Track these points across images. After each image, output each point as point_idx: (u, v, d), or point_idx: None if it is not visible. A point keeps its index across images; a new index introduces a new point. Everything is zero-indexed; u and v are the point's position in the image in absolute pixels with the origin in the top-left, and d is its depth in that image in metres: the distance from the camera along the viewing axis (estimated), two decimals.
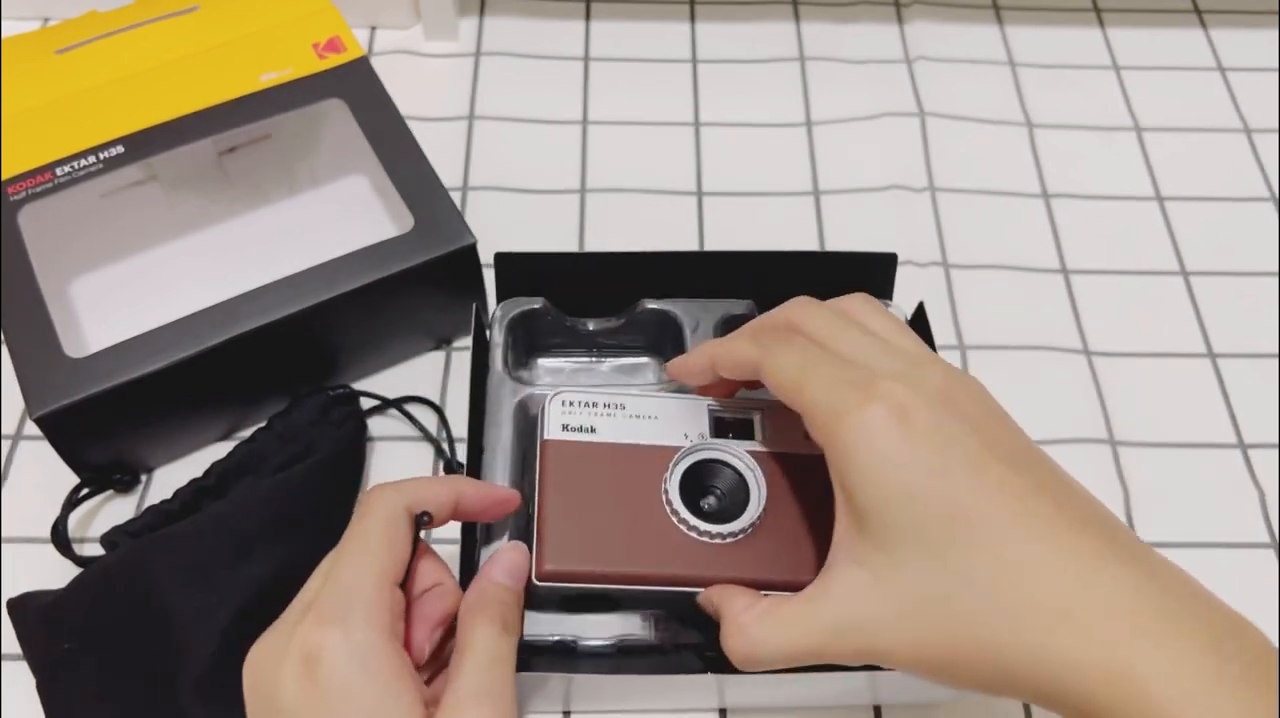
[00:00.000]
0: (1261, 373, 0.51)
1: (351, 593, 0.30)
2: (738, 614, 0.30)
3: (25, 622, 0.40)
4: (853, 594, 0.28)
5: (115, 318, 0.45)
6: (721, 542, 0.33)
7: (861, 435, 0.27)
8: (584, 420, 0.35)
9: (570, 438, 0.35)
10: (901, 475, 0.27)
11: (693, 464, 0.34)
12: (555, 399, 0.36)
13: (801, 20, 0.65)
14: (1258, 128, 0.61)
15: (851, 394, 0.28)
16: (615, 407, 0.35)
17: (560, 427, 0.35)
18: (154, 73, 0.48)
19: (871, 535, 0.28)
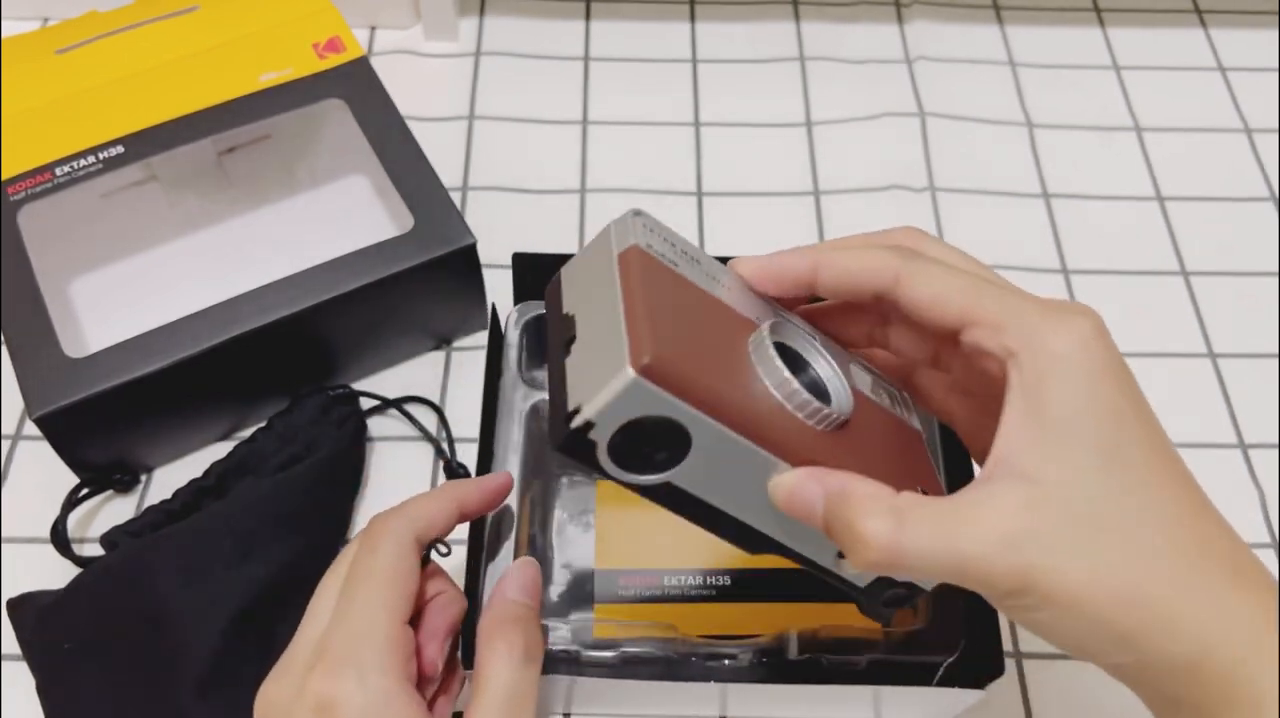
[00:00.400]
0: (1262, 373, 0.51)
1: (364, 639, 0.29)
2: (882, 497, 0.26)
3: (25, 622, 0.40)
4: (1030, 507, 0.24)
5: (115, 318, 0.45)
6: (814, 424, 0.27)
7: (1076, 342, 0.25)
8: (667, 251, 0.28)
9: (656, 256, 0.28)
10: (1112, 391, 0.25)
11: (780, 341, 0.28)
12: (634, 218, 0.28)
13: (801, 20, 0.65)
14: (1258, 128, 0.61)
15: (1049, 306, 0.26)
16: (694, 259, 0.29)
17: (645, 243, 0.28)
18: (154, 73, 0.48)
19: (1058, 449, 0.25)
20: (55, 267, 0.47)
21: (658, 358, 0.24)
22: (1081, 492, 0.24)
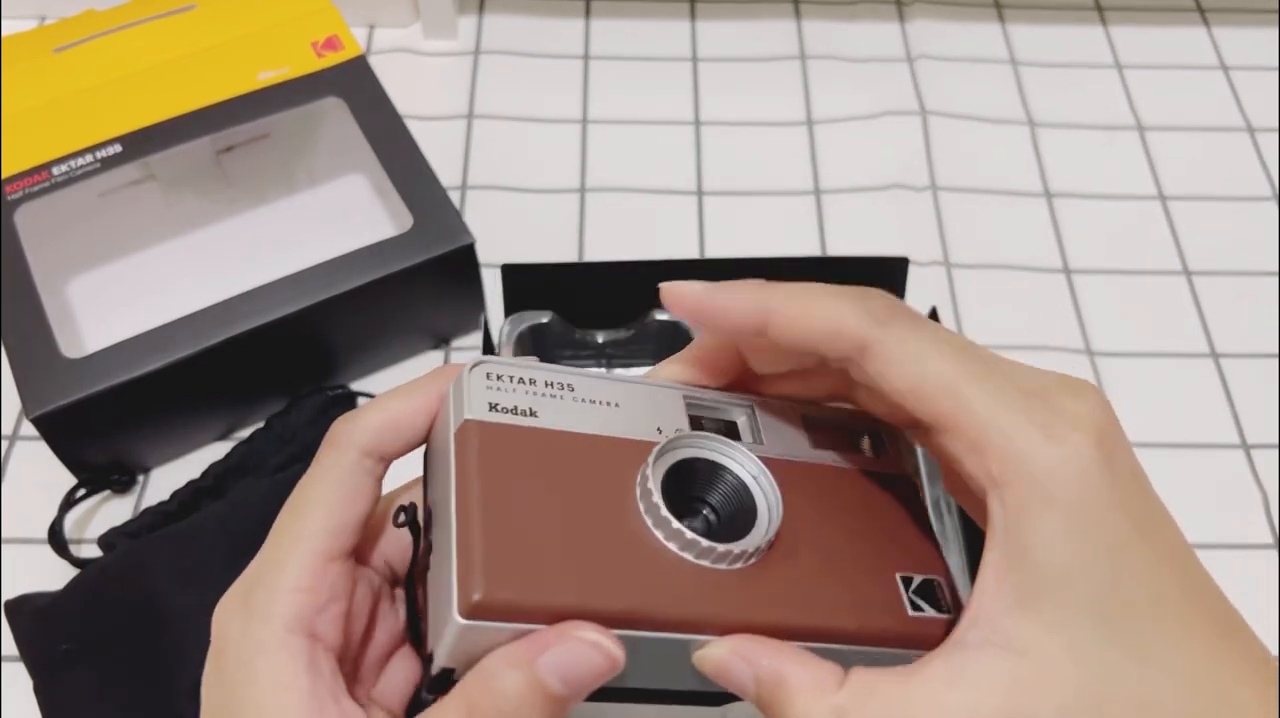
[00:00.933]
0: (1264, 373, 0.51)
1: (263, 578, 0.24)
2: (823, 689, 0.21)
3: (23, 623, 0.40)
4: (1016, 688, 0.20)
5: (112, 318, 0.45)
6: (727, 567, 0.23)
7: (1071, 467, 0.21)
8: (519, 401, 0.24)
9: (502, 419, 0.24)
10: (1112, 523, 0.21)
11: (676, 464, 0.25)
12: (476, 371, 0.24)
13: (803, 18, 0.65)
14: (1260, 127, 0.61)
15: (1039, 412, 0.21)
16: (561, 387, 0.25)
17: (487, 405, 0.24)
18: (151, 71, 0.48)
19: (1048, 612, 0.21)
20: (53, 266, 0.47)
21: (487, 596, 0.21)
22: (1076, 667, 0.20)
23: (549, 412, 0.25)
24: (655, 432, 0.25)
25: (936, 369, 0.22)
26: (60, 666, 0.39)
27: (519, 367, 0.25)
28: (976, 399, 0.22)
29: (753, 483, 0.25)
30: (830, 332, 0.23)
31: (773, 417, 0.27)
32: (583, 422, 0.25)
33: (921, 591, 0.25)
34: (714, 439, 0.25)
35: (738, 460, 0.25)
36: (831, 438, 0.27)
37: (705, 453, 0.25)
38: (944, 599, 0.25)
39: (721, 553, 0.23)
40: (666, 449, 0.24)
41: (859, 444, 0.27)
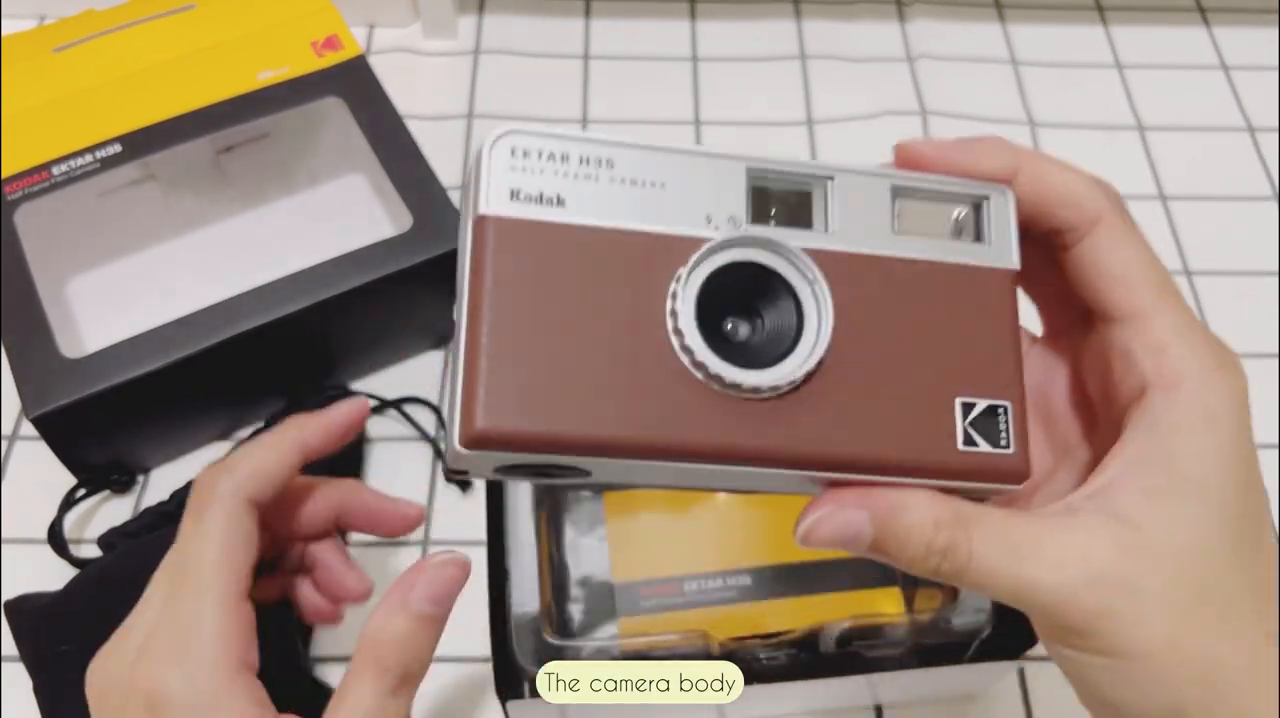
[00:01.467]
0: (1265, 373, 0.51)
1: (190, 631, 0.26)
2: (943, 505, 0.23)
3: (22, 623, 0.40)
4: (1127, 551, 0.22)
5: (112, 318, 0.45)
6: (757, 399, 0.22)
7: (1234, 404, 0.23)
8: (546, 185, 0.22)
9: (524, 213, 0.22)
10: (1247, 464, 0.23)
11: (718, 270, 0.22)
12: (500, 144, 0.22)
13: (802, 18, 0.65)
14: (1261, 126, 0.61)
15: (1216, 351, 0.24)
16: (599, 164, 0.22)
17: (507, 193, 0.22)
18: (151, 71, 0.48)
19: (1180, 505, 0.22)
20: (52, 266, 0.47)
21: (486, 428, 0.21)
22: (1193, 554, 0.22)
23: (580, 198, 0.22)
24: (704, 221, 0.23)
25: (1149, 271, 0.24)
26: (59, 666, 0.39)
27: (551, 138, 0.22)
28: (1176, 310, 0.24)
29: (805, 294, 0.22)
30: (1072, 197, 0.24)
31: (854, 192, 0.24)
32: (618, 210, 0.22)
33: (981, 420, 0.23)
34: (766, 239, 0.22)
35: (792, 265, 0.22)
36: (923, 218, 0.24)
37: (753, 256, 0.22)
38: (1007, 430, 0.23)
39: (749, 387, 0.21)
40: (708, 254, 0.22)
41: (956, 226, 0.24)
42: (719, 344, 0.22)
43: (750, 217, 0.23)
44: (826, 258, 0.23)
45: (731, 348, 0.22)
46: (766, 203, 0.23)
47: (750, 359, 0.22)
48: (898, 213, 0.24)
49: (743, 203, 0.23)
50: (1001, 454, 0.23)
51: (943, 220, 0.24)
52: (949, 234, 0.24)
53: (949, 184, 0.24)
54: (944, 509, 0.23)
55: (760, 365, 0.22)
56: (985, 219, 0.24)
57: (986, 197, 0.24)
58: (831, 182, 0.24)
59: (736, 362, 0.22)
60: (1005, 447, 0.23)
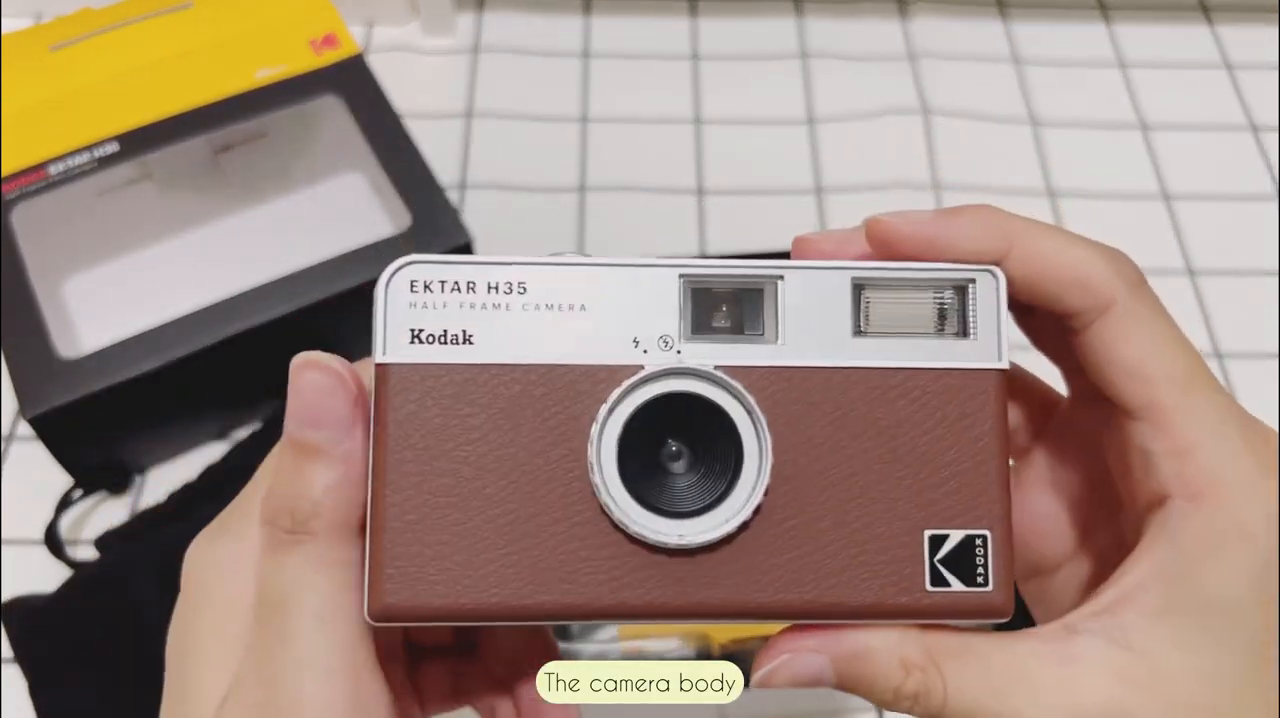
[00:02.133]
0: (1268, 373, 0.50)
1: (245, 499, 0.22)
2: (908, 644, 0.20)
3: (18, 626, 0.40)
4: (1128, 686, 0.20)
5: (109, 318, 0.45)
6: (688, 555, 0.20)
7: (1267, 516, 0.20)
8: (450, 321, 0.20)
9: (427, 357, 0.20)
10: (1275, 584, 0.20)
11: (642, 407, 0.20)
12: (398, 278, 0.20)
13: (804, 16, 0.65)
14: (1264, 125, 0.60)
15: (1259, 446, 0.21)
16: (510, 289, 0.20)
17: (408, 335, 0.20)
18: (148, 70, 0.48)
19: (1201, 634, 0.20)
20: (49, 266, 0.47)
21: (396, 601, 0.19)
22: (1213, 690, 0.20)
23: (490, 333, 0.20)
24: (631, 345, 0.20)
25: (1170, 358, 0.21)
26: (55, 668, 0.39)
27: (454, 264, 0.20)
28: (1199, 405, 0.20)
29: (745, 429, 0.20)
30: (1077, 280, 0.21)
31: (808, 291, 0.21)
32: (533, 343, 0.20)
33: (955, 556, 0.20)
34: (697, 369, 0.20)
35: (729, 395, 0.20)
36: (897, 312, 0.21)
37: (685, 387, 0.20)
38: (985, 564, 0.20)
39: (675, 546, 0.19)
40: (629, 391, 0.20)
41: (939, 316, 0.21)
42: (650, 482, 0.20)
43: (687, 333, 0.20)
44: (774, 376, 0.20)
45: (664, 487, 0.20)
46: (708, 311, 0.20)
47: (685, 500, 0.20)
48: (864, 310, 0.21)
49: (675, 319, 0.20)
50: (977, 593, 0.20)
51: (924, 311, 0.21)
52: (932, 328, 0.21)
53: (925, 270, 0.21)
54: (913, 649, 0.20)
55: (694, 509, 0.20)
56: (970, 308, 0.21)
57: (971, 280, 0.21)
58: (781, 281, 0.20)
59: (668, 504, 0.20)
60: (982, 584, 0.20)
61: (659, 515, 0.20)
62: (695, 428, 0.20)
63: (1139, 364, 0.21)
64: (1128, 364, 0.21)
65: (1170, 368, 0.21)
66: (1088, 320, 0.21)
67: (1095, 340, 0.21)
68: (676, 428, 0.20)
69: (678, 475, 0.20)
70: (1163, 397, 0.21)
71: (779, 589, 0.20)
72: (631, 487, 0.20)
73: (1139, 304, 0.21)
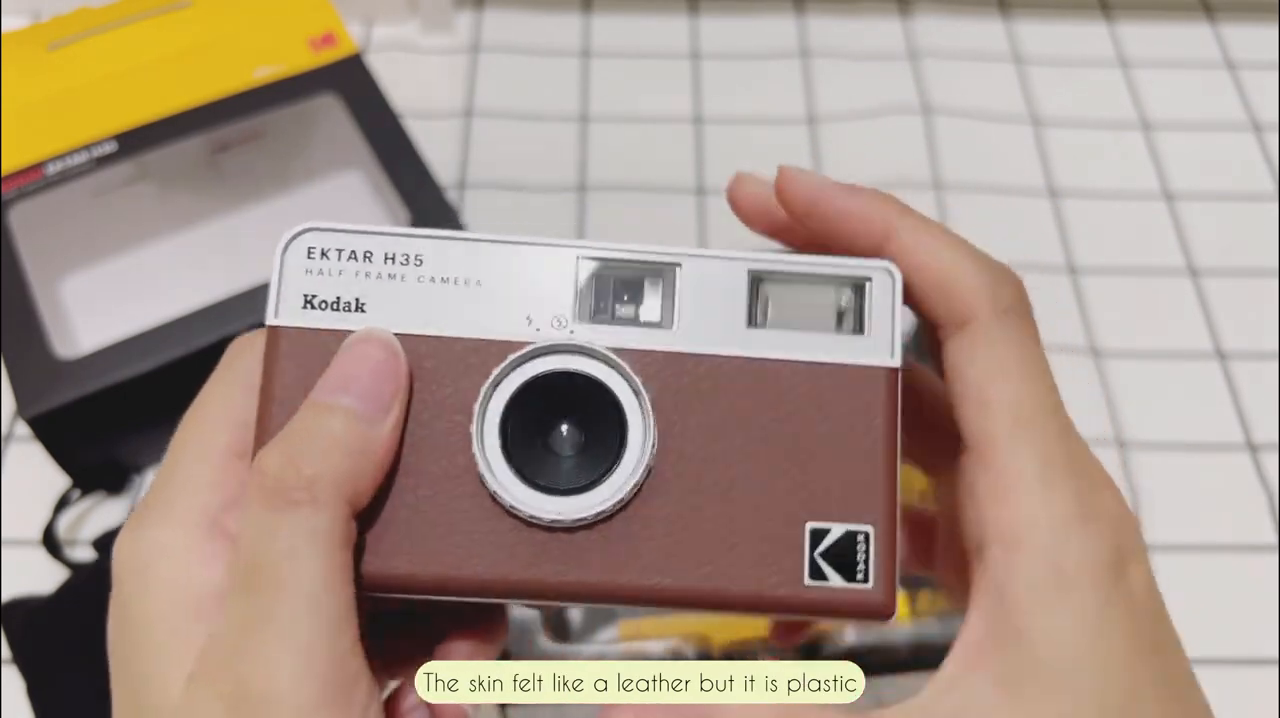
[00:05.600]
0: (1270, 373, 0.50)
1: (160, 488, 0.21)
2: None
3: (17, 626, 0.40)
4: None
5: (107, 317, 0.45)
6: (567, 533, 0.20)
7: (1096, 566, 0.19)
8: (344, 289, 0.20)
9: (318, 323, 0.20)
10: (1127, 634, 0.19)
11: (529, 383, 0.20)
12: (295, 244, 0.21)
13: (803, 15, 0.65)
14: (1266, 124, 0.60)
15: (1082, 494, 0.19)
16: (406, 261, 0.20)
17: (301, 299, 0.20)
18: (146, 69, 0.47)
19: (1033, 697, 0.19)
20: (47, 266, 0.46)
21: None
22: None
23: (382, 302, 0.20)
24: (524, 322, 0.20)
25: (1013, 388, 0.19)
26: (54, 669, 0.39)
27: (352, 234, 0.20)
28: (1034, 441, 0.19)
29: (631, 409, 0.20)
30: (939, 285, 0.20)
31: (705, 280, 0.21)
32: (426, 315, 0.20)
33: (835, 550, 0.20)
34: (585, 346, 0.20)
35: (618, 374, 0.20)
36: (786, 305, 0.21)
37: (573, 364, 0.20)
38: (866, 561, 0.20)
39: (548, 521, 0.19)
40: (514, 365, 0.20)
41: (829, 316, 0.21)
42: (533, 459, 0.20)
43: (582, 314, 0.20)
44: (665, 362, 0.20)
45: (548, 464, 0.20)
46: (604, 294, 0.21)
47: (568, 479, 0.20)
48: (760, 302, 0.21)
49: (571, 300, 0.20)
50: (857, 589, 0.20)
51: (821, 307, 0.21)
52: (828, 324, 0.21)
53: (822, 265, 0.21)
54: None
55: (575, 487, 0.20)
56: (867, 305, 0.21)
57: (868, 278, 0.21)
58: (679, 269, 0.21)
59: (549, 482, 0.20)
60: (862, 581, 0.20)
61: (540, 493, 0.20)
62: (582, 407, 0.20)
63: (979, 389, 0.20)
64: (969, 385, 0.20)
65: (1010, 397, 0.19)
66: (947, 334, 0.21)
67: (949, 356, 0.20)
68: (564, 407, 0.20)
69: (562, 455, 0.20)
70: (995, 428, 0.19)
71: (656, 573, 0.20)
72: (514, 463, 0.20)
73: (1000, 326, 0.20)
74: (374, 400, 0.19)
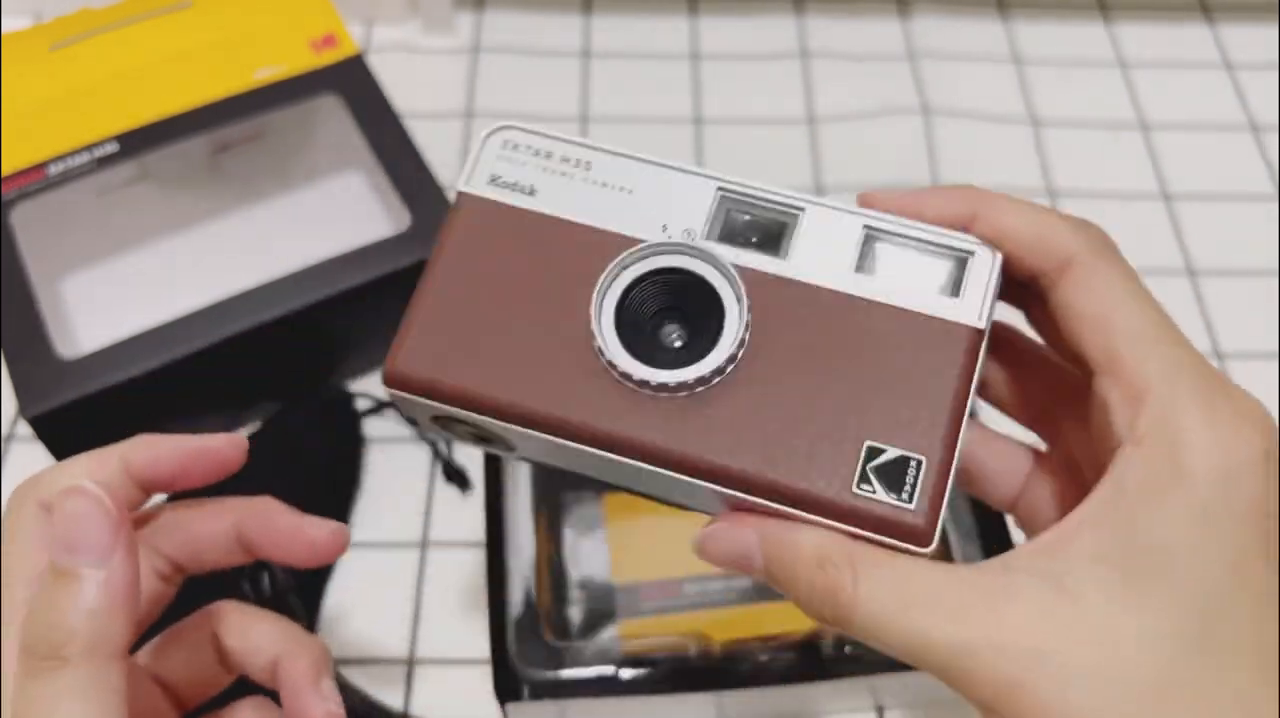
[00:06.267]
0: (1269, 374, 0.50)
1: None
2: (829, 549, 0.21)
3: None
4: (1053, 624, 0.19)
5: (108, 318, 0.45)
6: (655, 394, 0.22)
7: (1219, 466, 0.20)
8: (523, 175, 0.24)
9: (497, 196, 0.24)
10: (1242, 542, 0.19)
11: (645, 274, 0.23)
12: (496, 135, 0.25)
13: (803, 15, 0.65)
14: (1264, 125, 0.60)
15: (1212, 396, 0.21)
16: (578, 164, 0.25)
17: (488, 177, 0.25)
18: (147, 70, 0.48)
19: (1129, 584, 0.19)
20: (48, 266, 0.47)
21: (401, 370, 0.23)
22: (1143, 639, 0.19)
23: (551, 191, 0.24)
24: (660, 229, 0.24)
25: (1130, 312, 0.21)
26: None
27: (541, 136, 0.25)
28: (1156, 355, 0.21)
29: (731, 307, 0.23)
30: (1040, 238, 0.23)
31: (823, 225, 0.24)
32: (582, 207, 0.24)
33: (886, 468, 0.21)
34: (702, 250, 0.23)
35: (720, 273, 0.23)
36: (893, 262, 0.23)
37: (686, 264, 0.23)
38: (913, 484, 0.21)
39: (642, 380, 0.22)
40: (639, 257, 0.23)
41: (931, 277, 0.23)
42: (642, 343, 0.23)
43: (711, 233, 0.24)
44: (773, 283, 0.23)
45: (655, 349, 0.23)
46: (735, 224, 0.24)
47: (669, 362, 0.22)
48: (870, 254, 0.23)
49: (703, 219, 0.24)
50: (899, 507, 0.21)
51: (929, 274, 0.23)
52: (932, 285, 0.23)
53: (934, 234, 0.23)
54: (834, 547, 0.21)
55: (671, 364, 0.22)
56: (966, 276, 0.23)
57: (971, 253, 0.23)
58: (802, 212, 0.24)
59: (654, 362, 0.22)
60: (906, 500, 0.21)
61: (637, 360, 0.22)
62: (690, 305, 0.23)
63: (1098, 316, 0.22)
64: (1089, 315, 0.22)
65: (1129, 321, 0.21)
66: (1052, 282, 0.23)
67: (1059, 298, 0.22)
68: (675, 302, 0.23)
69: (665, 337, 0.23)
70: (1120, 347, 0.21)
71: (723, 453, 0.22)
72: (622, 333, 0.23)
73: (1101, 261, 0.22)
74: (98, 551, 0.21)
